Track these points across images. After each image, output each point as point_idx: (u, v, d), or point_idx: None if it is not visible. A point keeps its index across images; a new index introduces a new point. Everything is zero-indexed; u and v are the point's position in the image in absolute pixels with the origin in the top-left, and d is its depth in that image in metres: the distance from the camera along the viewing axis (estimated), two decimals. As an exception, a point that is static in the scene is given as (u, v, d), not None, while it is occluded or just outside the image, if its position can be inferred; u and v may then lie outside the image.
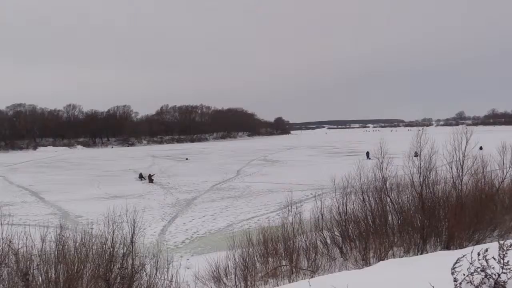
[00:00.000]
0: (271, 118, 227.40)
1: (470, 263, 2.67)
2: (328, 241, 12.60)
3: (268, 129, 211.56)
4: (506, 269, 2.52)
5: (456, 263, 2.72)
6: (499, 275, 2.64)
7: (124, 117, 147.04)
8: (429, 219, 12.42)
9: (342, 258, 11.84)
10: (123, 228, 8.89)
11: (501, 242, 2.65)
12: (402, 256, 11.08)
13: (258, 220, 20.96)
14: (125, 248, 8.57)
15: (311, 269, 10.75)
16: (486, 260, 2.62)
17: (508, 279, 2.58)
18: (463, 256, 2.73)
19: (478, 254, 2.67)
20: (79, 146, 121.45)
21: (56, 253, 7.66)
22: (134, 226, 8.94)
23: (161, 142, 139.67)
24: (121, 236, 8.66)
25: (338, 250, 12.25)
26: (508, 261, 2.53)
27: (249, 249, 11.10)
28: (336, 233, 12.75)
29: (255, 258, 11.20)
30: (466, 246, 10.65)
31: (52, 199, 29.52)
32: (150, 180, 37.91)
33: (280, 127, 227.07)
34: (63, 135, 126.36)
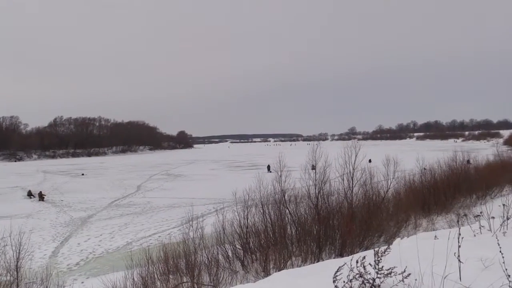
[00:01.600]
0: (174, 132, 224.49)
1: (350, 270, 2.91)
2: (230, 254, 12.68)
3: (171, 143, 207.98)
4: (380, 273, 2.79)
5: (337, 271, 2.94)
6: (374, 279, 2.93)
7: (11, 129, 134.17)
8: (324, 229, 13.14)
9: (243, 271, 11.99)
10: (7, 253, 8.08)
11: (376, 249, 2.94)
12: (300, 265, 11.51)
13: (159, 236, 20.40)
14: (9, 275, 7.79)
15: (212, 284, 10.70)
16: (364, 267, 2.88)
17: (381, 282, 2.87)
18: (344, 264, 2.97)
19: (357, 262, 2.92)
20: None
21: None
22: (19, 250, 8.17)
23: (54, 157, 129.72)
24: (4, 262, 7.85)
25: (240, 263, 12.39)
26: (382, 266, 2.81)
27: (148, 267, 10.74)
28: (237, 246, 12.88)
29: (156, 276, 10.87)
30: (357, 252, 11.42)
31: None
32: (41, 197, 34.93)
33: (183, 141, 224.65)
34: None
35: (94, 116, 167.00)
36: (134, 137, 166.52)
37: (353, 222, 12.71)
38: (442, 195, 20.19)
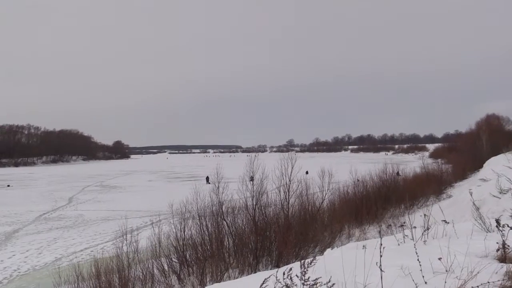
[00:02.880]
0: (110, 142, 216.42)
1: (277, 281, 2.99)
2: (166, 268, 12.44)
3: (106, 153, 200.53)
4: (306, 284, 2.89)
5: (263, 283, 3.01)
6: (299, 290, 3.04)
7: None
8: (261, 240, 13.29)
9: (179, 285, 11.80)
10: None
11: (302, 261, 3.05)
12: (237, 277, 11.52)
13: (92, 251, 19.50)
14: None
15: (147, 299, 10.44)
16: (291, 278, 2.97)
17: (305, 292, 2.98)
18: (270, 276, 3.05)
19: (284, 273, 3.01)
20: None
21: None
22: None
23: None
24: None
25: (176, 277, 12.18)
26: (309, 277, 2.92)
27: (78, 284, 10.26)
28: (173, 259, 12.66)
29: (86, 293, 10.40)
30: (293, 262, 11.63)
31: None
32: (-42, 212, 32.23)
33: (119, 151, 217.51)
34: None
35: (22, 123, 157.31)
36: (66, 146, 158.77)
37: (290, 233, 12.97)
38: (374, 206, 21.13)
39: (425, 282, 3.34)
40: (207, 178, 47.68)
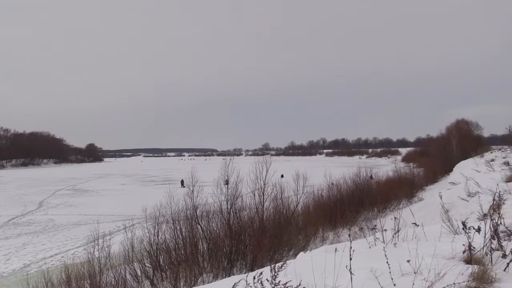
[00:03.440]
0: (82, 145, 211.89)
1: (247, 285, 2.99)
2: (139, 273, 12.27)
3: (79, 156, 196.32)
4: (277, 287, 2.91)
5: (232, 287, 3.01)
6: (270, 294, 3.05)
7: None
8: (236, 244, 13.25)
9: (152, 290, 11.65)
10: None
11: (273, 265, 3.06)
12: (211, 282, 11.46)
13: (62, 257, 19.05)
14: None
15: (119, 305, 10.26)
16: (261, 282, 2.98)
17: (276, 296, 3.00)
18: (240, 280, 3.05)
19: (254, 278, 3.02)
20: None
21: None
22: None
23: None
24: None
25: (149, 282, 12.02)
26: (279, 281, 2.93)
27: (47, 291, 10.01)
28: (147, 264, 12.51)
29: (55, 300, 10.16)
30: (268, 266, 11.63)
31: None
32: None
33: (92, 154, 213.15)
34: None
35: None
36: (37, 149, 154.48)
37: (264, 236, 12.98)
38: (347, 209, 21.38)
39: (394, 284, 3.41)
40: (182, 182, 47.28)
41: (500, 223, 4.80)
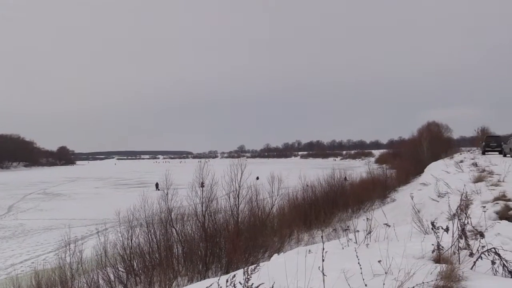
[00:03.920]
0: (54, 147, 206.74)
1: (220, 289, 3.00)
2: (112, 278, 12.07)
3: (50, 159, 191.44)
4: (250, 290, 2.93)
5: (204, 291, 3.01)
6: (242, 297, 3.06)
7: None
8: (211, 247, 13.21)
9: (126, 295, 11.49)
10: None
11: (245, 268, 3.08)
12: (186, 285, 11.38)
13: (32, 263, 18.53)
14: None
15: (91, 311, 10.08)
16: (234, 285, 2.99)
17: (248, 299, 3.01)
18: (212, 284, 3.05)
19: (227, 281, 3.02)
20: None
21: None
22: None
23: None
24: None
25: (122, 287, 11.85)
26: (252, 284, 2.95)
27: (16, 298, 9.75)
28: (120, 269, 12.32)
29: (25, 307, 9.89)
30: (243, 268, 11.63)
31: None
32: None
33: (64, 157, 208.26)
34: None
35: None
36: (6, 152, 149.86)
37: (239, 239, 12.98)
38: (322, 211, 21.59)
39: (365, 285, 3.47)
40: (157, 185, 46.76)
41: (467, 222, 4.96)
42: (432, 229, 4.59)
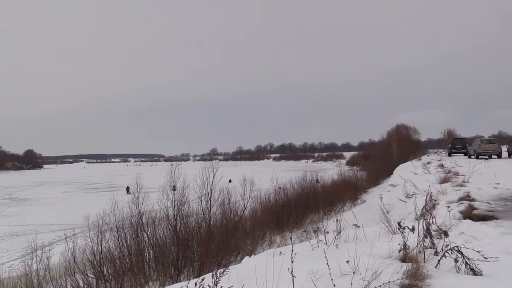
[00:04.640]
0: (20, 151, 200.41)
1: (188, 293, 3.00)
2: (81, 284, 11.82)
3: (16, 163, 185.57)
4: (217, 293, 2.94)
5: (173, 295, 3.00)
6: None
7: None
8: (183, 251, 13.10)
9: (95, 301, 11.27)
10: None
11: (213, 272, 3.10)
12: (158, 290, 11.27)
13: (-3, 270, 17.94)
14: None
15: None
16: (202, 289, 2.99)
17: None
18: (181, 287, 3.05)
19: (196, 284, 3.03)
20: None
21: None
22: None
23: None
24: None
25: (92, 293, 11.62)
26: (221, 287, 2.97)
27: (-21, 307, 9.41)
28: (89, 275, 12.07)
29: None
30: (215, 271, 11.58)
31: None
32: None
33: (31, 160, 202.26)
34: None
35: None
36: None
37: (212, 242, 12.95)
38: (294, 212, 21.73)
39: (334, 285, 3.53)
40: (128, 188, 46.00)
41: (433, 222, 5.12)
42: (398, 229, 4.72)
